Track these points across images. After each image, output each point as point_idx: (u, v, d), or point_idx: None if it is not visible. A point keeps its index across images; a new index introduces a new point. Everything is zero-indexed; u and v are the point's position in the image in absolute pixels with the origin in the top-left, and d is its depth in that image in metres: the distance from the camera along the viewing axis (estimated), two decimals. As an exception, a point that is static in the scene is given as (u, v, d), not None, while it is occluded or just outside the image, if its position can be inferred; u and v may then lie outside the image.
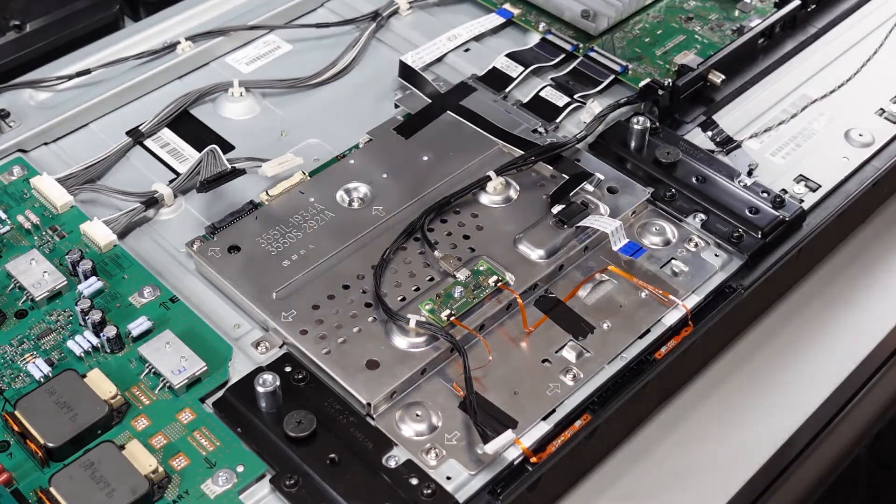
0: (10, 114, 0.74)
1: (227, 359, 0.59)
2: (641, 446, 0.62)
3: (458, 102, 0.74)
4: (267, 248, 0.64)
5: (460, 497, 0.53)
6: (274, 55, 0.82)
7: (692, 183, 0.69)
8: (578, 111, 0.75)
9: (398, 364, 0.58)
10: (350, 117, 0.76)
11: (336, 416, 0.57)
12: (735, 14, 0.82)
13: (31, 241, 0.66)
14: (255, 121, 0.76)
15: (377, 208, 0.67)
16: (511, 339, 0.61)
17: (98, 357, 0.60)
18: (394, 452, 0.55)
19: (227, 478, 0.54)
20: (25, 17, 0.83)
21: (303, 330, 0.60)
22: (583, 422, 0.56)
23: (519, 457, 0.55)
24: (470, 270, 0.62)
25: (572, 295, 0.63)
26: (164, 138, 0.74)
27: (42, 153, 0.73)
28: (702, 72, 0.75)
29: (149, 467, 0.53)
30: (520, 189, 0.68)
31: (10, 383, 0.58)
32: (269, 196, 0.67)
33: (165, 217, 0.69)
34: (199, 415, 0.57)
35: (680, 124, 0.75)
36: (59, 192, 0.67)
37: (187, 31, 0.81)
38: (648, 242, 0.66)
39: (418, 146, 0.71)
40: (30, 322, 0.61)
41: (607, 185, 0.68)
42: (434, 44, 0.80)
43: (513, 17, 0.83)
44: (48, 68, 0.78)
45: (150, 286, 0.63)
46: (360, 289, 0.62)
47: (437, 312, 0.60)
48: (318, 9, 0.86)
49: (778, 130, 0.75)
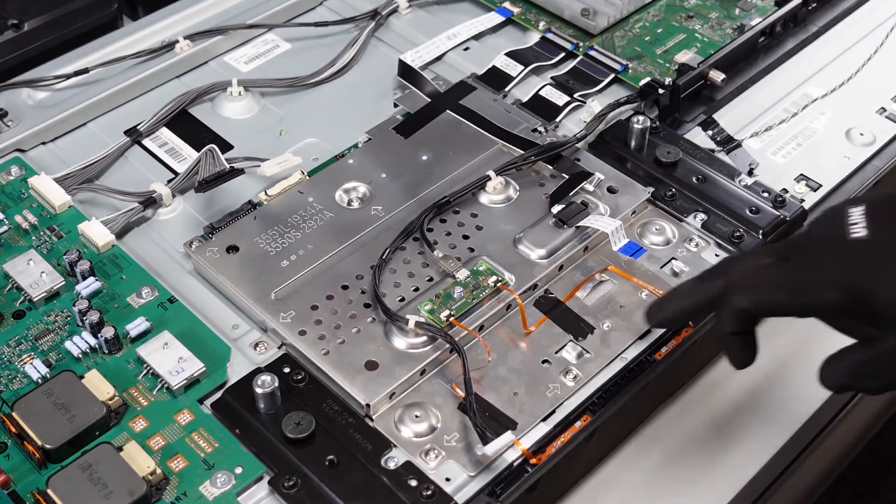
0: (7, 113, 0.74)
1: (225, 360, 0.59)
2: (641, 446, 0.62)
3: (458, 101, 0.74)
4: (265, 248, 0.64)
5: (459, 498, 0.53)
6: (273, 54, 0.82)
7: (692, 182, 0.68)
8: (578, 110, 0.75)
9: (397, 365, 0.58)
10: (349, 116, 0.75)
11: (335, 417, 0.56)
12: (736, 12, 0.82)
13: (28, 241, 0.66)
14: (254, 120, 0.76)
15: (376, 208, 0.67)
16: (511, 339, 0.60)
17: (96, 358, 0.59)
18: (393, 453, 0.55)
19: (225, 479, 0.54)
20: (23, 16, 0.82)
21: (301, 330, 0.60)
22: (583, 423, 0.56)
23: (518, 458, 0.55)
24: (469, 270, 0.62)
25: (572, 295, 0.62)
26: (163, 138, 0.74)
27: (40, 153, 0.73)
28: (702, 70, 0.75)
29: (147, 469, 0.53)
30: (519, 189, 0.67)
31: (7, 384, 0.58)
32: (267, 196, 0.67)
33: (164, 217, 0.69)
34: (198, 416, 0.57)
35: (680, 123, 0.74)
36: (56, 191, 0.67)
37: (186, 29, 0.81)
38: (648, 242, 0.66)
39: (418, 146, 0.71)
40: (27, 323, 0.61)
41: (607, 184, 0.68)
42: (433, 42, 0.80)
43: (512, 16, 0.83)
44: (46, 67, 0.78)
45: (149, 286, 0.63)
46: (359, 289, 0.62)
47: (436, 313, 0.60)
48: (317, 7, 0.86)
49: (779, 129, 0.74)
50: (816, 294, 0.50)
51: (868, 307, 0.49)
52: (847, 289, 0.50)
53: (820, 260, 0.51)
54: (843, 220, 0.51)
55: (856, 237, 0.50)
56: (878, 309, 0.49)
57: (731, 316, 0.53)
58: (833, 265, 0.51)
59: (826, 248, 0.52)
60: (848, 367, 0.51)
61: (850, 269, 0.50)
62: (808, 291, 0.51)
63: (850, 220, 0.51)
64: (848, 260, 0.50)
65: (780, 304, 0.52)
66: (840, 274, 0.50)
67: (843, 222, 0.51)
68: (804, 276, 0.51)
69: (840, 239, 0.51)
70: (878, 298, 0.49)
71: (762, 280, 0.53)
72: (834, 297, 0.50)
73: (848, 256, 0.50)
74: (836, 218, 0.52)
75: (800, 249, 0.53)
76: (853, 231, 0.51)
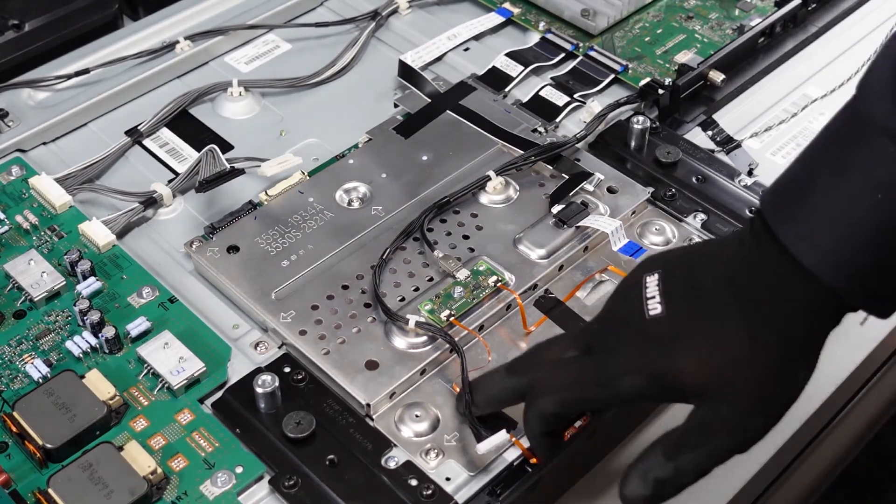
0: (8, 113, 0.74)
1: (225, 359, 0.59)
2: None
3: (458, 102, 0.74)
4: (266, 248, 0.64)
5: (460, 498, 0.53)
6: (273, 54, 0.82)
7: (692, 182, 0.69)
8: (578, 110, 0.75)
9: (397, 364, 0.58)
10: (349, 117, 0.75)
11: (335, 416, 0.56)
12: (735, 13, 0.82)
13: (29, 241, 0.66)
14: (254, 120, 0.76)
15: (376, 208, 0.67)
16: (511, 339, 0.60)
17: (97, 358, 0.59)
18: (393, 453, 0.55)
19: (226, 479, 0.54)
20: (24, 17, 0.82)
21: (302, 330, 0.60)
22: (583, 422, 0.56)
23: (518, 458, 0.55)
24: (469, 270, 0.62)
25: (572, 295, 0.62)
26: (163, 138, 0.74)
27: (41, 153, 0.73)
28: (702, 71, 0.75)
29: (147, 468, 0.53)
30: (519, 189, 0.68)
31: (8, 384, 0.58)
32: (268, 196, 0.67)
33: (164, 217, 0.69)
34: (198, 416, 0.57)
35: (680, 124, 0.75)
36: (57, 191, 0.67)
37: (186, 30, 0.81)
38: (648, 242, 0.66)
39: (418, 146, 0.71)
40: (28, 322, 0.61)
41: (607, 184, 0.68)
42: (433, 43, 0.80)
43: (512, 17, 0.83)
44: (47, 68, 0.78)
45: (149, 286, 0.63)
46: (359, 289, 0.62)
47: (436, 313, 0.60)
48: (317, 8, 0.86)
49: (778, 130, 0.75)
50: (620, 384, 0.49)
51: (673, 390, 0.48)
52: (650, 373, 0.48)
53: (619, 347, 0.49)
54: (640, 294, 0.49)
55: (653, 315, 0.48)
56: (683, 390, 0.48)
57: (537, 419, 0.51)
58: (633, 351, 0.49)
59: (624, 332, 0.50)
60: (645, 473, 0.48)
61: (650, 352, 0.48)
62: (611, 383, 0.49)
63: (646, 293, 0.49)
64: (646, 342, 0.48)
65: (585, 400, 0.51)
66: (641, 359, 0.48)
67: (640, 298, 0.49)
68: (605, 367, 0.49)
69: (638, 319, 0.49)
70: (681, 376, 0.47)
71: (565, 379, 0.51)
72: (638, 384, 0.48)
73: (646, 339, 0.49)
74: (634, 292, 0.50)
75: (600, 337, 0.51)
76: (650, 307, 0.49)
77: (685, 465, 0.48)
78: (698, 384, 0.47)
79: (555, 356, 0.53)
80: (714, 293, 0.48)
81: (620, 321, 0.50)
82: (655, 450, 0.49)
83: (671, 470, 0.48)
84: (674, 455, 0.48)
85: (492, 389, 0.55)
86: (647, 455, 0.49)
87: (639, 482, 0.49)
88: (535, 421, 0.52)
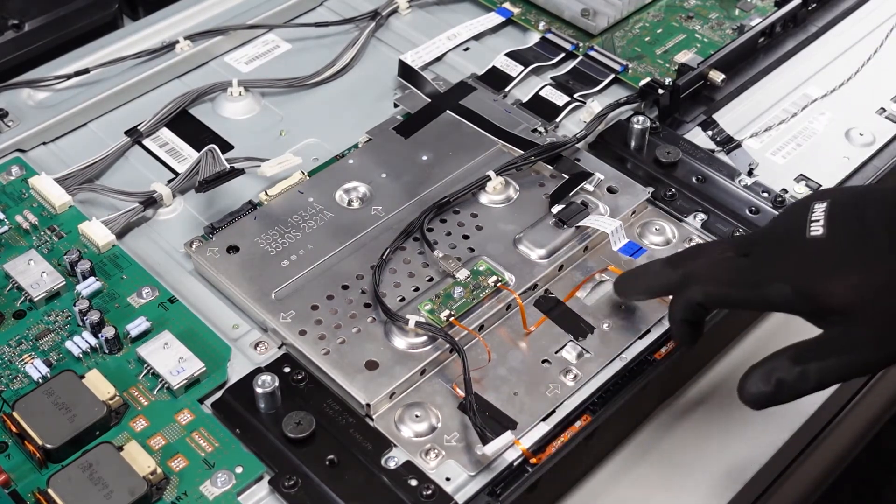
0: (8, 113, 0.74)
1: (225, 359, 0.59)
2: (641, 447, 0.62)
3: (458, 102, 0.74)
4: (266, 248, 0.64)
5: (460, 498, 0.53)
6: (273, 54, 0.82)
7: (692, 182, 0.69)
8: (578, 110, 0.75)
9: (397, 364, 0.58)
10: (349, 117, 0.75)
11: (335, 416, 0.56)
12: (735, 13, 0.82)
13: (29, 241, 0.66)
14: (254, 120, 0.76)
15: (376, 208, 0.67)
16: (511, 339, 0.60)
17: (96, 358, 0.59)
18: (393, 453, 0.55)
19: (225, 479, 0.54)
20: (24, 17, 0.82)
21: (302, 330, 0.60)
22: (583, 422, 0.56)
23: (518, 458, 0.55)
24: (469, 270, 0.62)
25: (572, 295, 0.62)
26: (163, 138, 0.74)
27: (40, 153, 0.73)
28: (702, 71, 0.75)
29: (147, 468, 0.53)
30: (519, 189, 0.67)
31: (8, 384, 0.58)
32: (267, 196, 0.67)
33: (164, 217, 0.69)
34: (198, 416, 0.57)
35: (680, 124, 0.75)
36: (57, 191, 0.67)
37: (186, 30, 0.81)
38: (648, 242, 0.66)
39: (418, 146, 0.71)
40: (28, 322, 0.61)
41: (607, 184, 0.68)
42: (433, 43, 0.80)
43: (512, 16, 0.83)
44: (47, 68, 0.78)
45: (149, 286, 0.63)
46: (359, 289, 0.62)
47: (436, 313, 0.60)
48: (317, 8, 0.86)
49: (778, 130, 0.74)
50: (768, 289, 0.52)
51: (816, 305, 0.51)
52: (798, 286, 0.51)
53: (776, 256, 0.53)
54: (805, 216, 0.53)
55: (813, 236, 0.52)
56: (826, 308, 0.50)
57: (684, 306, 0.55)
58: (788, 262, 0.52)
59: (784, 245, 0.53)
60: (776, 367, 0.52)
61: (803, 267, 0.51)
62: (761, 286, 0.52)
63: (812, 216, 0.53)
64: (802, 258, 0.52)
65: (732, 296, 0.54)
66: (793, 271, 0.52)
67: (804, 219, 0.53)
68: (758, 271, 0.53)
69: (799, 236, 0.52)
70: (825, 297, 0.50)
71: (718, 274, 0.55)
72: (785, 293, 0.52)
73: (803, 254, 0.52)
74: (800, 214, 0.53)
75: (760, 244, 0.55)
76: (812, 229, 0.52)
77: (811, 372, 0.50)
78: (844, 304, 0.50)
79: (714, 254, 0.56)
80: (874, 228, 0.51)
81: (783, 235, 0.54)
82: (782, 355, 0.52)
83: (796, 373, 0.51)
84: (801, 361, 0.51)
85: (648, 279, 0.59)
86: (772, 358, 0.52)
87: (762, 381, 0.52)
88: (682, 305, 0.55)
